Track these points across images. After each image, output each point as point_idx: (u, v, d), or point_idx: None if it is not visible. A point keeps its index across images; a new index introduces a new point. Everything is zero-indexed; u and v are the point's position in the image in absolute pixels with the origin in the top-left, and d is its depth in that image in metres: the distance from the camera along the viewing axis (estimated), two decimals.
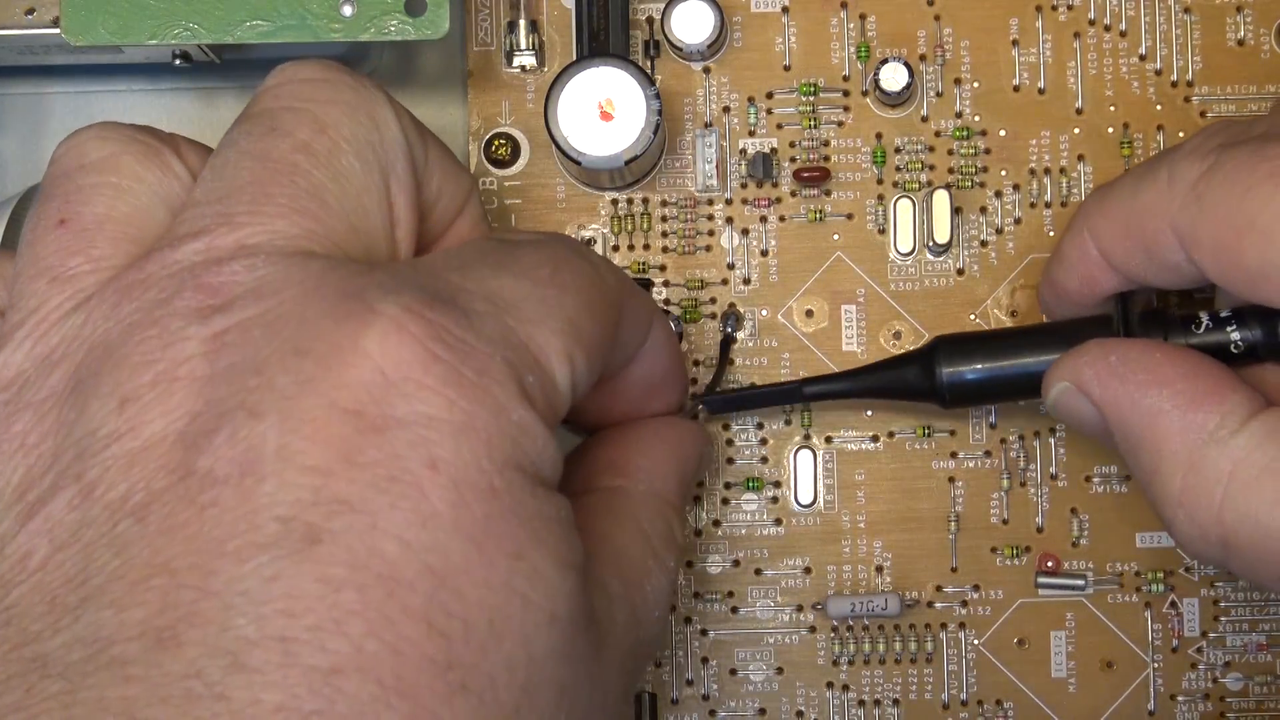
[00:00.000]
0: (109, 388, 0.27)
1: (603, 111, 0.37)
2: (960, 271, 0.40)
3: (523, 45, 0.40)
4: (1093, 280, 0.35)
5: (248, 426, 0.26)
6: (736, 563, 0.40)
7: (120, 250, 0.30)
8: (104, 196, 0.30)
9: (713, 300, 0.40)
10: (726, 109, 0.40)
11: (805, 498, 0.40)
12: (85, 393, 0.27)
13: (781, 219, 0.40)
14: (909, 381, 0.37)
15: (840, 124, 0.40)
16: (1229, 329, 0.34)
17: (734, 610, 0.40)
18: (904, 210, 0.40)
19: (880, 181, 0.40)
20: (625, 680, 0.31)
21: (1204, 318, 0.35)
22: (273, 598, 0.25)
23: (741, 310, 0.40)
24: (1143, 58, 0.40)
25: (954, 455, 0.40)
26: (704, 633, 0.40)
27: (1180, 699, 0.40)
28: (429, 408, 0.26)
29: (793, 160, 0.40)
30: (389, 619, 0.25)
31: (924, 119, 0.40)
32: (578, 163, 0.37)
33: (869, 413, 0.40)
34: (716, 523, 0.40)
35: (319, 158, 0.30)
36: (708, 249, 0.40)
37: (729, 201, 0.40)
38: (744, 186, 0.40)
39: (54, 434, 0.28)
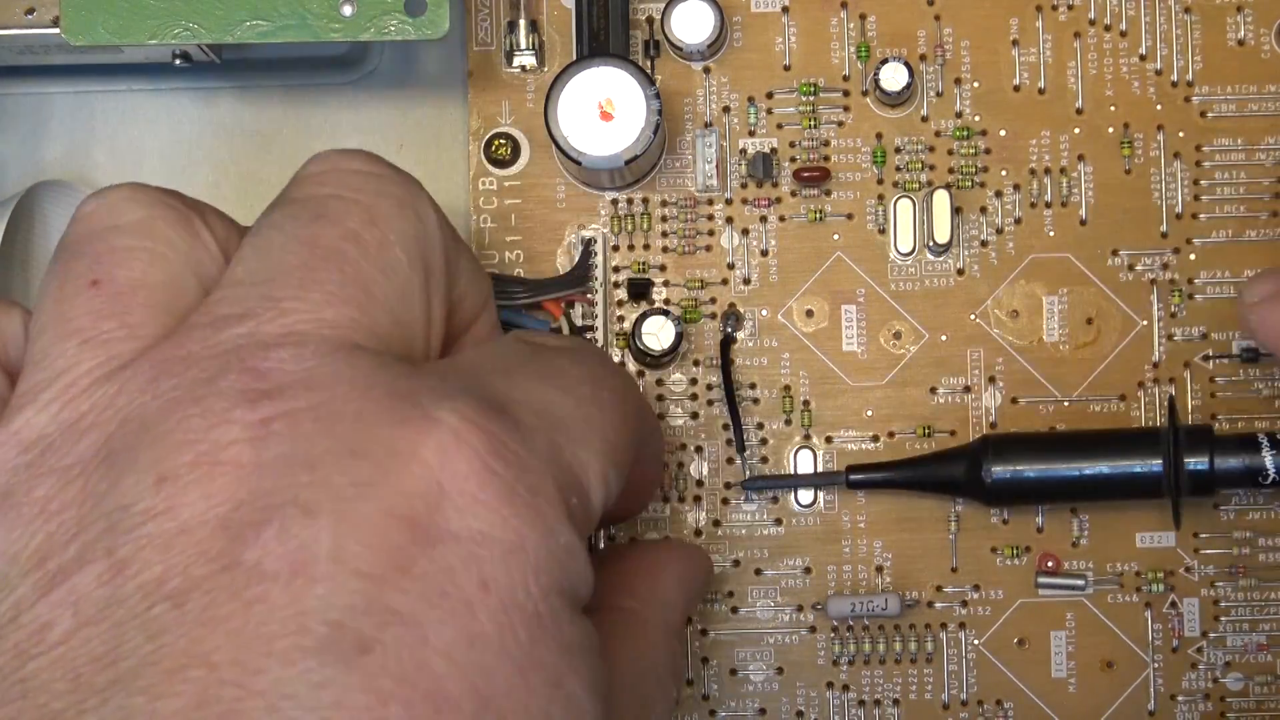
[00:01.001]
0: (146, 464, 0.26)
1: (603, 111, 0.37)
2: (960, 271, 0.40)
3: (523, 45, 0.40)
4: None
5: (300, 524, 0.26)
6: (736, 563, 0.40)
7: (154, 319, 0.29)
8: (139, 261, 0.29)
9: (713, 300, 0.40)
10: (726, 109, 0.40)
11: (805, 497, 0.40)
12: (119, 466, 0.27)
13: (781, 219, 0.40)
14: (955, 478, 0.38)
15: (840, 124, 0.40)
16: (1266, 453, 0.37)
17: (734, 610, 0.40)
18: (904, 210, 0.40)
19: (880, 181, 0.40)
20: None
21: (1262, 441, 0.37)
22: (320, 705, 0.24)
23: (741, 310, 0.40)
24: (1143, 58, 0.40)
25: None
26: (704, 633, 0.40)
27: (1180, 699, 0.40)
28: (483, 524, 0.26)
29: (793, 160, 0.40)
30: None
31: (924, 119, 0.40)
32: (578, 163, 0.37)
33: (869, 413, 0.40)
34: (716, 523, 0.40)
35: (368, 249, 0.30)
36: (708, 249, 0.40)
37: (729, 201, 0.40)
38: (744, 186, 0.40)
39: (79, 503, 0.27)
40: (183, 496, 0.26)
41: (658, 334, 0.39)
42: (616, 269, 0.40)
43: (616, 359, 0.39)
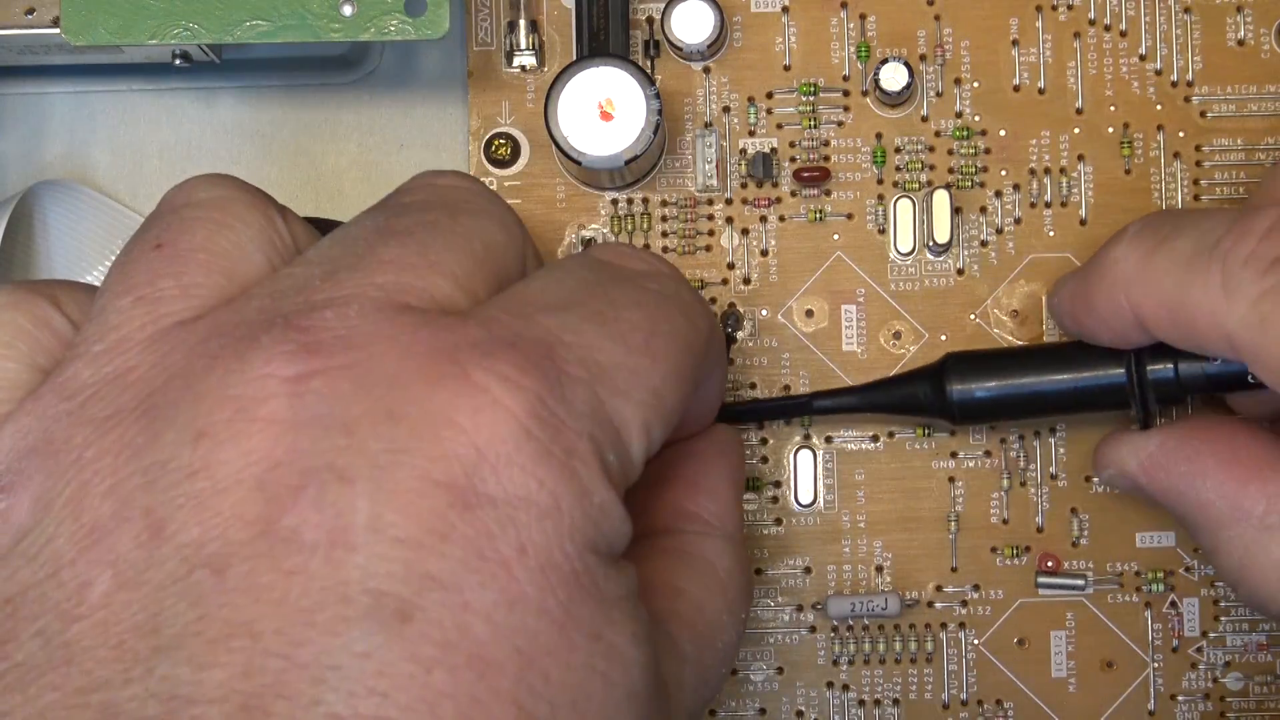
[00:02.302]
0: (185, 419, 0.26)
1: (603, 111, 0.37)
2: (960, 271, 0.40)
3: (523, 45, 0.40)
4: (1125, 338, 0.35)
5: (337, 491, 0.26)
6: None
7: (211, 281, 0.29)
8: (204, 229, 0.30)
9: (713, 300, 0.40)
10: (726, 109, 0.40)
11: (805, 498, 0.40)
12: (159, 420, 0.27)
13: (781, 219, 0.40)
14: (919, 398, 0.38)
15: (840, 124, 0.40)
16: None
17: None
18: (904, 210, 0.40)
19: (880, 181, 0.40)
20: None
21: None
22: (365, 675, 0.25)
23: (741, 310, 0.40)
24: (1143, 58, 0.40)
25: (954, 455, 0.40)
26: None
27: (1180, 699, 0.40)
28: (519, 488, 0.26)
29: (793, 160, 0.40)
30: (479, 701, 0.25)
31: (924, 119, 0.40)
32: (578, 163, 0.37)
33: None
34: None
35: (437, 228, 0.30)
36: (708, 249, 0.40)
37: (729, 201, 0.40)
38: (744, 186, 0.40)
39: (115, 453, 0.27)
40: (219, 453, 0.26)
41: None
42: None
43: None
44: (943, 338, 0.40)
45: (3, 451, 0.28)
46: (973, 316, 0.40)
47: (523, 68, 0.40)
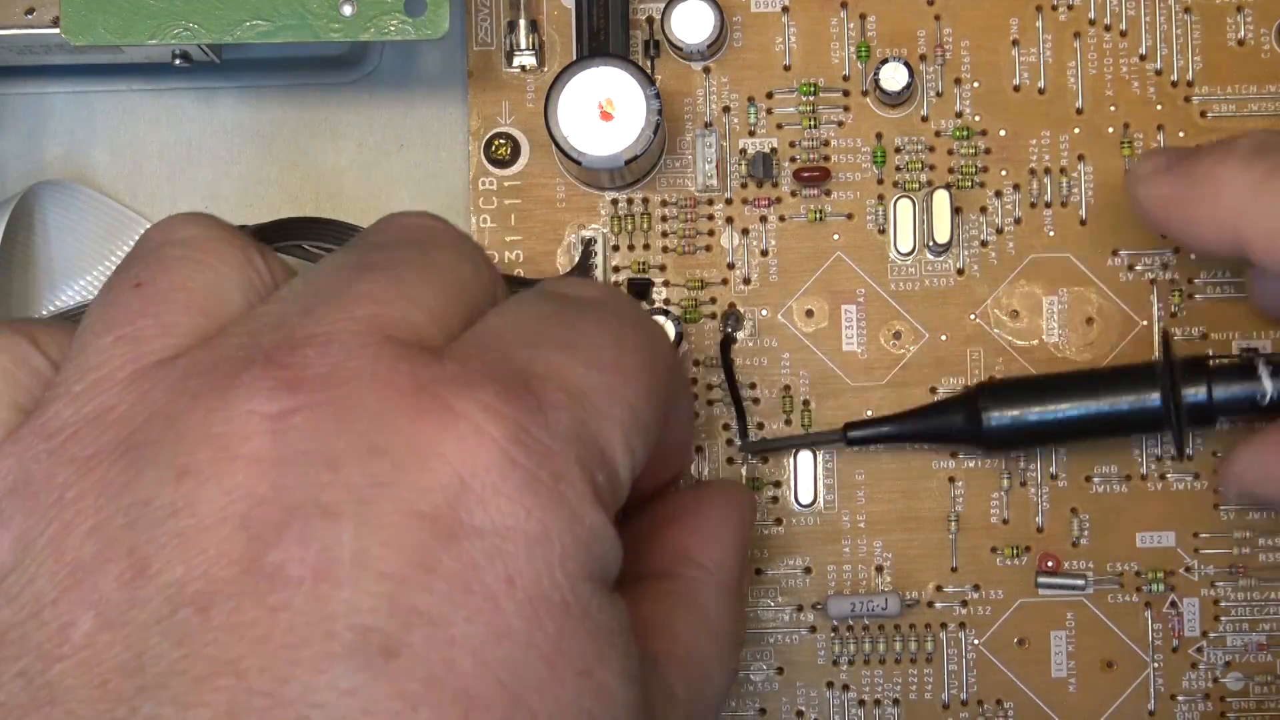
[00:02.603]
0: (167, 458, 0.26)
1: (603, 111, 0.37)
2: (960, 271, 0.40)
3: (523, 45, 0.40)
4: (1217, 252, 0.35)
5: (322, 526, 0.25)
6: None
7: (190, 320, 0.29)
8: (184, 268, 0.30)
9: (713, 300, 0.40)
10: (726, 109, 0.40)
11: (805, 498, 0.40)
12: (141, 460, 0.27)
13: (781, 219, 0.40)
14: (953, 427, 0.38)
15: (840, 124, 0.40)
16: (1264, 377, 0.36)
17: None
18: (904, 210, 0.40)
19: (880, 181, 0.40)
20: None
21: (1259, 365, 0.37)
22: (350, 712, 0.24)
23: (741, 310, 0.40)
24: (1143, 58, 0.40)
25: (954, 455, 0.40)
26: None
27: (1180, 699, 0.40)
28: (506, 517, 0.26)
29: (793, 160, 0.40)
30: None
31: (924, 119, 0.40)
32: (578, 163, 0.37)
33: (869, 412, 0.40)
34: None
35: (412, 260, 0.30)
36: (708, 249, 0.40)
37: (729, 201, 0.40)
38: (744, 186, 0.40)
39: (96, 493, 0.26)
40: (202, 492, 0.26)
41: None
42: (616, 269, 0.40)
43: None
44: (943, 338, 0.40)
45: None
46: (973, 316, 0.40)
47: (523, 68, 0.40)
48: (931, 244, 0.40)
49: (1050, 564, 0.40)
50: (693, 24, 0.39)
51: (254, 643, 0.25)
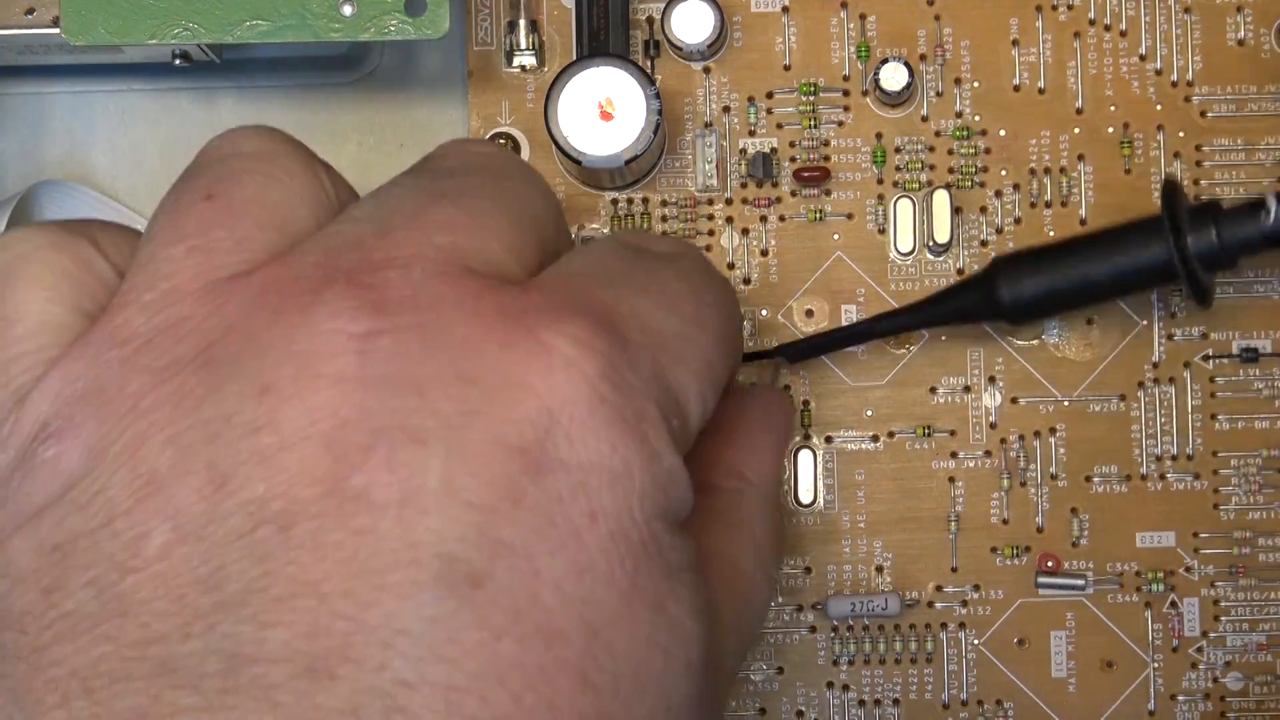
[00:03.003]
0: (249, 374, 0.26)
1: (603, 111, 0.37)
2: (960, 271, 0.40)
3: (523, 45, 0.40)
4: None
5: (409, 451, 0.25)
6: None
7: (264, 235, 0.28)
8: (255, 181, 0.29)
9: None
10: (726, 109, 0.40)
11: (805, 497, 0.40)
12: (221, 373, 0.26)
13: (781, 219, 0.40)
14: (973, 306, 0.38)
15: (840, 124, 0.40)
16: (1272, 207, 0.35)
17: None
18: (904, 210, 0.40)
19: (880, 181, 0.40)
20: (724, 708, 0.31)
21: (1270, 203, 0.36)
22: (435, 641, 0.24)
23: (741, 310, 0.40)
24: (1143, 58, 0.40)
25: (954, 455, 0.40)
26: None
27: (1180, 699, 0.40)
28: (591, 453, 0.26)
29: (793, 160, 0.40)
30: (546, 672, 0.25)
31: (924, 119, 0.40)
32: (578, 163, 0.37)
33: (869, 412, 0.40)
34: None
35: (485, 190, 0.29)
36: (708, 249, 0.40)
37: (729, 201, 0.40)
38: (744, 186, 0.40)
39: (173, 404, 0.26)
40: (285, 409, 0.25)
41: None
42: None
43: None
44: (943, 337, 0.40)
45: (51, 395, 0.27)
46: None
47: (523, 68, 0.40)
48: (931, 244, 0.40)
49: (1050, 564, 0.40)
50: (693, 24, 0.39)
51: (337, 565, 0.24)
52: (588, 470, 0.26)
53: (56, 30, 0.36)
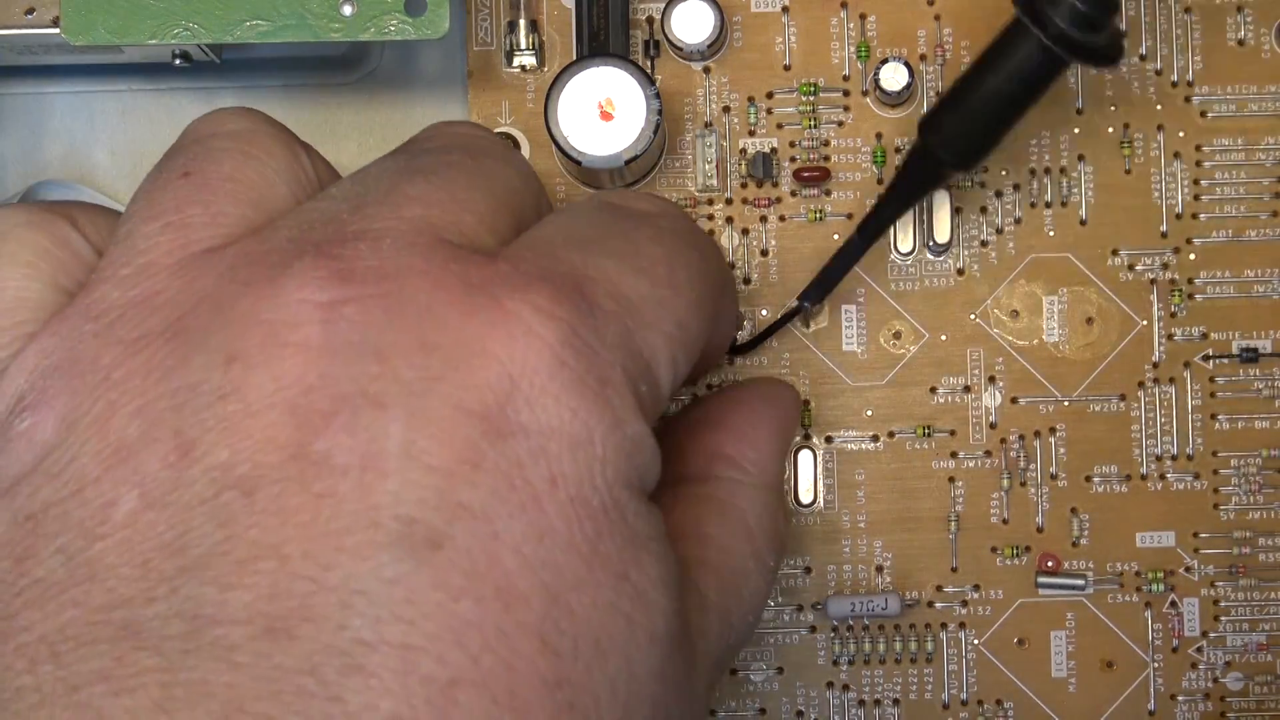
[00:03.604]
0: (216, 343, 0.26)
1: (603, 111, 0.37)
2: (960, 271, 0.40)
3: (523, 45, 0.40)
4: None
5: (370, 416, 0.25)
6: None
7: (239, 210, 0.29)
8: (232, 159, 0.30)
9: None
10: (726, 109, 0.40)
11: (805, 497, 0.40)
12: (189, 344, 0.26)
13: (781, 219, 0.40)
14: (926, 172, 0.37)
15: (840, 124, 0.40)
16: None
17: None
18: None
19: (880, 181, 0.40)
20: (711, 691, 0.31)
21: None
22: (393, 601, 0.24)
23: (741, 310, 0.40)
24: (1143, 58, 0.40)
25: (954, 455, 0.40)
26: None
27: (1180, 699, 0.40)
28: (552, 418, 0.26)
29: (793, 160, 0.40)
30: (505, 633, 0.25)
31: None
32: (578, 163, 0.37)
33: (869, 412, 0.40)
34: None
35: (462, 166, 0.30)
36: None
37: (729, 201, 0.40)
38: (744, 186, 0.40)
39: (144, 374, 0.26)
40: (250, 377, 0.26)
41: None
42: None
43: None
44: (943, 337, 0.40)
45: (27, 369, 0.27)
46: (973, 316, 0.40)
47: (523, 68, 0.40)
48: (931, 244, 0.40)
49: (1050, 564, 0.40)
50: (693, 24, 0.39)
51: (298, 528, 0.25)
52: (548, 435, 0.26)
53: (56, 30, 0.36)
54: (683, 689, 0.28)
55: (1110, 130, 0.40)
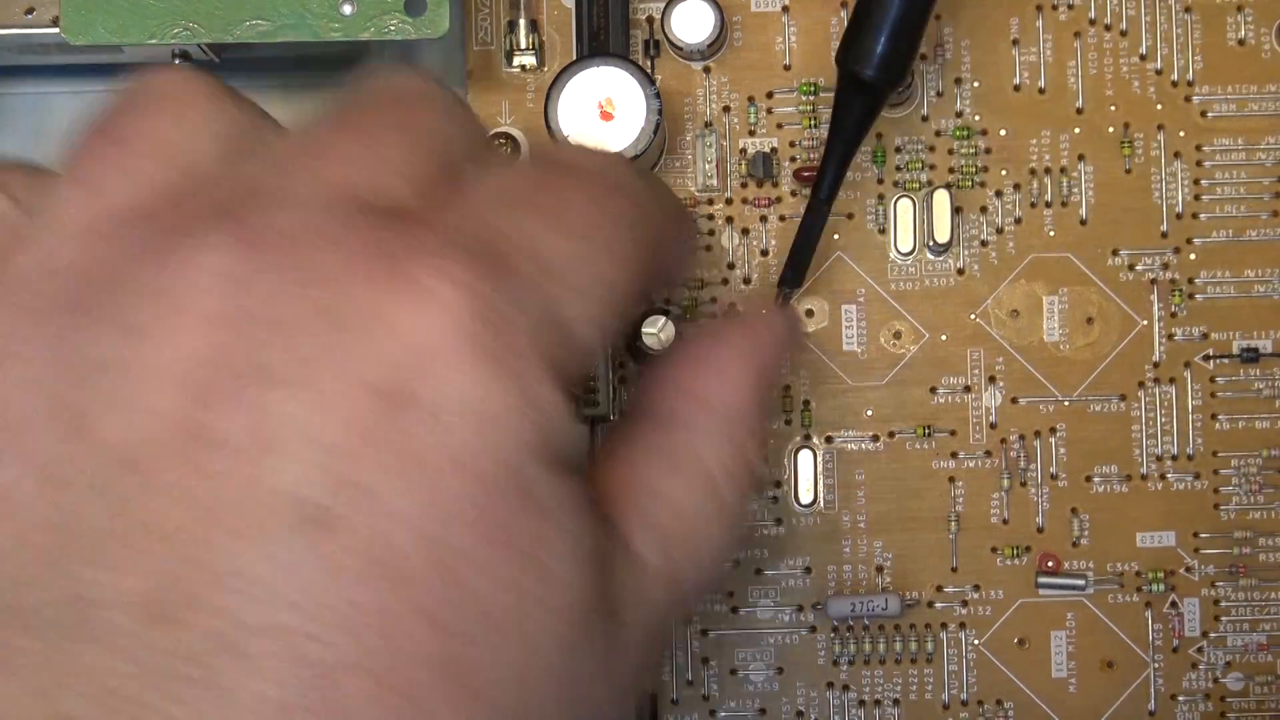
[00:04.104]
0: (119, 313, 0.25)
1: (603, 111, 0.37)
2: (960, 271, 0.40)
3: (523, 45, 0.40)
4: None
5: (264, 391, 0.24)
6: (736, 563, 0.40)
7: (162, 172, 0.28)
8: (161, 121, 0.28)
9: (713, 300, 0.40)
10: (726, 109, 0.40)
11: (805, 498, 0.40)
12: (92, 314, 0.25)
13: (781, 219, 0.40)
14: (862, 103, 0.37)
15: None
16: None
17: (734, 610, 0.40)
18: (904, 210, 0.40)
19: (880, 181, 0.40)
20: (649, 655, 0.29)
21: None
22: (280, 584, 0.24)
23: (742, 310, 0.40)
24: (1143, 57, 0.40)
25: (954, 455, 0.40)
26: (704, 633, 0.40)
27: (1180, 699, 0.40)
28: (454, 392, 0.25)
29: (793, 160, 0.40)
30: (393, 615, 0.24)
31: (924, 119, 0.40)
32: None
33: (869, 412, 0.40)
34: None
35: (393, 120, 0.29)
36: (708, 249, 0.40)
37: (729, 201, 0.40)
38: (744, 186, 0.40)
39: (46, 345, 0.25)
40: (145, 349, 0.25)
41: (658, 333, 0.39)
42: None
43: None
44: (943, 337, 0.40)
45: None
46: (973, 316, 0.40)
47: (523, 67, 0.40)
48: (932, 244, 0.40)
49: (1050, 564, 0.40)
50: (693, 24, 0.39)
51: (187, 509, 0.24)
52: (451, 411, 0.25)
53: (56, 30, 0.36)
54: (604, 665, 0.27)
55: (1110, 130, 0.40)
